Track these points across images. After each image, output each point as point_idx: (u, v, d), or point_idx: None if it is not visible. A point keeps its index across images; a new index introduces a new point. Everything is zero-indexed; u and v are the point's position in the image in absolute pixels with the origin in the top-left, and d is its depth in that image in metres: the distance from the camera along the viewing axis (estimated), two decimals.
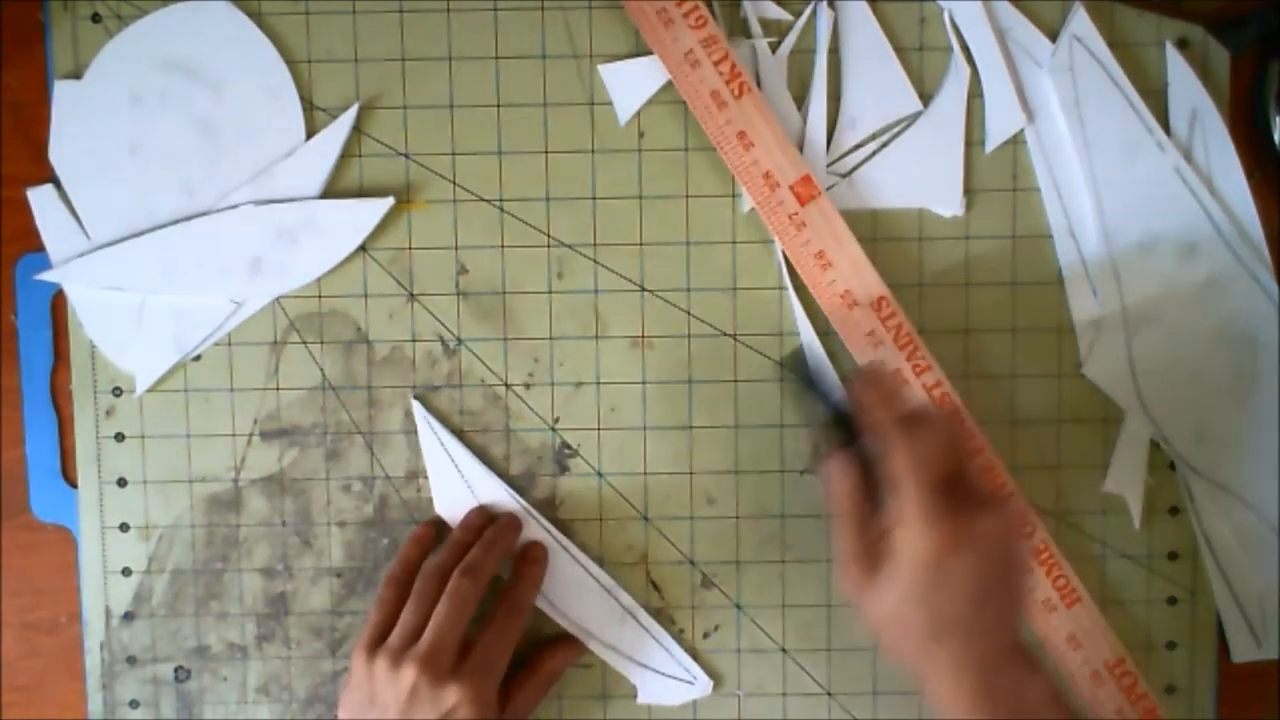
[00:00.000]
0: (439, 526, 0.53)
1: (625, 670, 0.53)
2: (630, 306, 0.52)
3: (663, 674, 0.53)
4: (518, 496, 0.52)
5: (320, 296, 0.52)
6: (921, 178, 0.51)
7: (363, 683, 0.48)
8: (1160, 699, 0.52)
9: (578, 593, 0.52)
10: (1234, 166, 0.51)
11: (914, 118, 0.51)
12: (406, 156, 0.52)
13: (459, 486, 0.52)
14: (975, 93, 0.51)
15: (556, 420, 0.52)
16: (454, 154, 0.51)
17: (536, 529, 0.52)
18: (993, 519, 0.42)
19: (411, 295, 0.52)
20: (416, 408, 0.52)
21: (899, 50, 0.51)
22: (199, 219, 0.51)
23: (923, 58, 0.51)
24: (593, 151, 0.51)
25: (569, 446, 0.53)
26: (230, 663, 0.53)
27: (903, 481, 0.42)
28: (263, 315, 0.52)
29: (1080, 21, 0.50)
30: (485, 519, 0.52)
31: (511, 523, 0.52)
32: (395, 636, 0.48)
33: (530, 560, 0.52)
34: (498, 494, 0.52)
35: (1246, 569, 0.52)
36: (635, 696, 0.53)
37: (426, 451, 0.52)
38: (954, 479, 0.43)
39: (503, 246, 0.52)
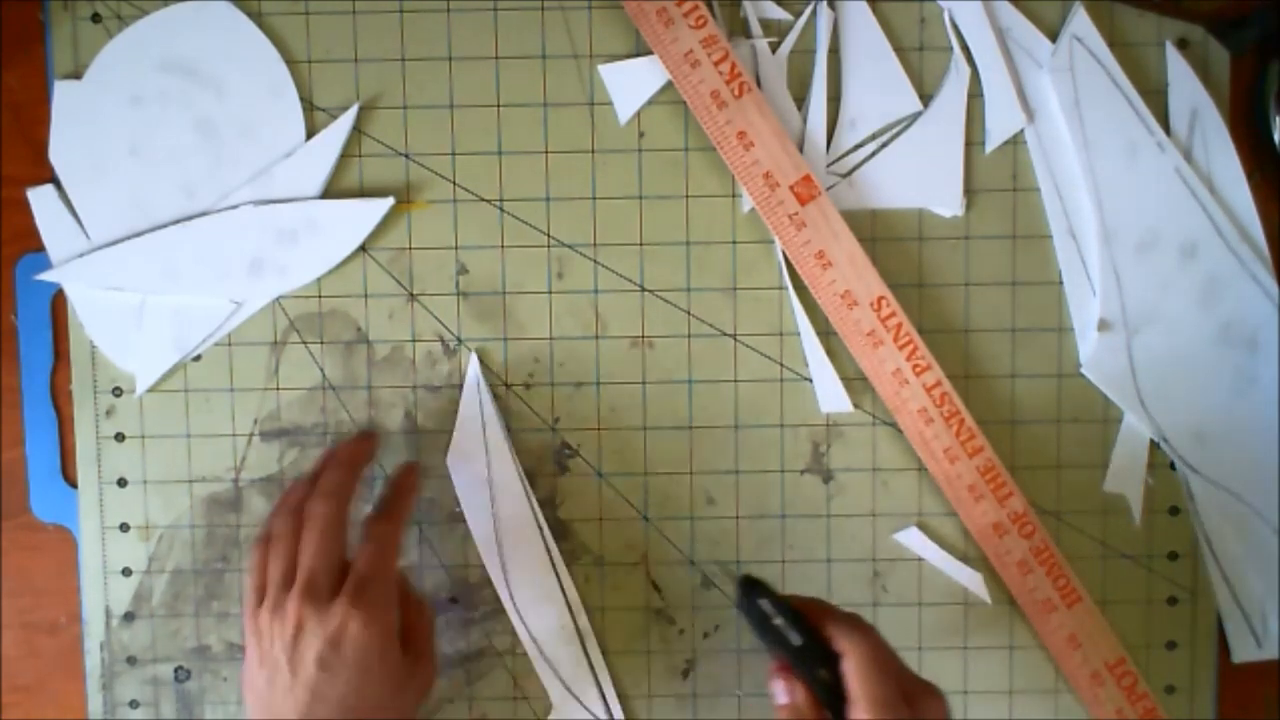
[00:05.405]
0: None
1: (550, 688, 0.52)
2: (630, 306, 0.52)
3: (584, 708, 0.52)
4: (527, 484, 0.52)
5: (320, 296, 0.52)
6: (921, 178, 0.51)
7: (252, 644, 0.45)
8: (1160, 699, 0.52)
9: (544, 598, 0.52)
10: (1234, 166, 0.51)
11: (914, 118, 0.51)
12: (406, 156, 0.51)
13: (478, 446, 0.52)
14: (975, 93, 0.51)
15: (556, 420, 0.52)
16: (454, 154, 0.51)
17: (533, 527, 0.52)
18: (937, 704, 0.43)
19: (411, 295, 0.52)
20: (473, 360, 0.51)
21: (899, 50, 0.51)
22: (199, 219, 0.51)
23: (923, 58, 0.51)
24: (593, 151, 0.51)
25: (569, 446, 0.53)
26: (230, 663, 0.53)
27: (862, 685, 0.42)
28: (263, 315, 0.52)
29: (1080, 21, 0.50)
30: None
31: (364, 436, 0.50)
32: (270, 585, 0.44)
33: (402, 472, 0.50)
34: (509, 470, 0.52)
35: (1246, 569, 0.52)
36: (547, 715, 0.52)
37: (464, 405, 0.51)
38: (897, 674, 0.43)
39: (503, 246, 0.52)
